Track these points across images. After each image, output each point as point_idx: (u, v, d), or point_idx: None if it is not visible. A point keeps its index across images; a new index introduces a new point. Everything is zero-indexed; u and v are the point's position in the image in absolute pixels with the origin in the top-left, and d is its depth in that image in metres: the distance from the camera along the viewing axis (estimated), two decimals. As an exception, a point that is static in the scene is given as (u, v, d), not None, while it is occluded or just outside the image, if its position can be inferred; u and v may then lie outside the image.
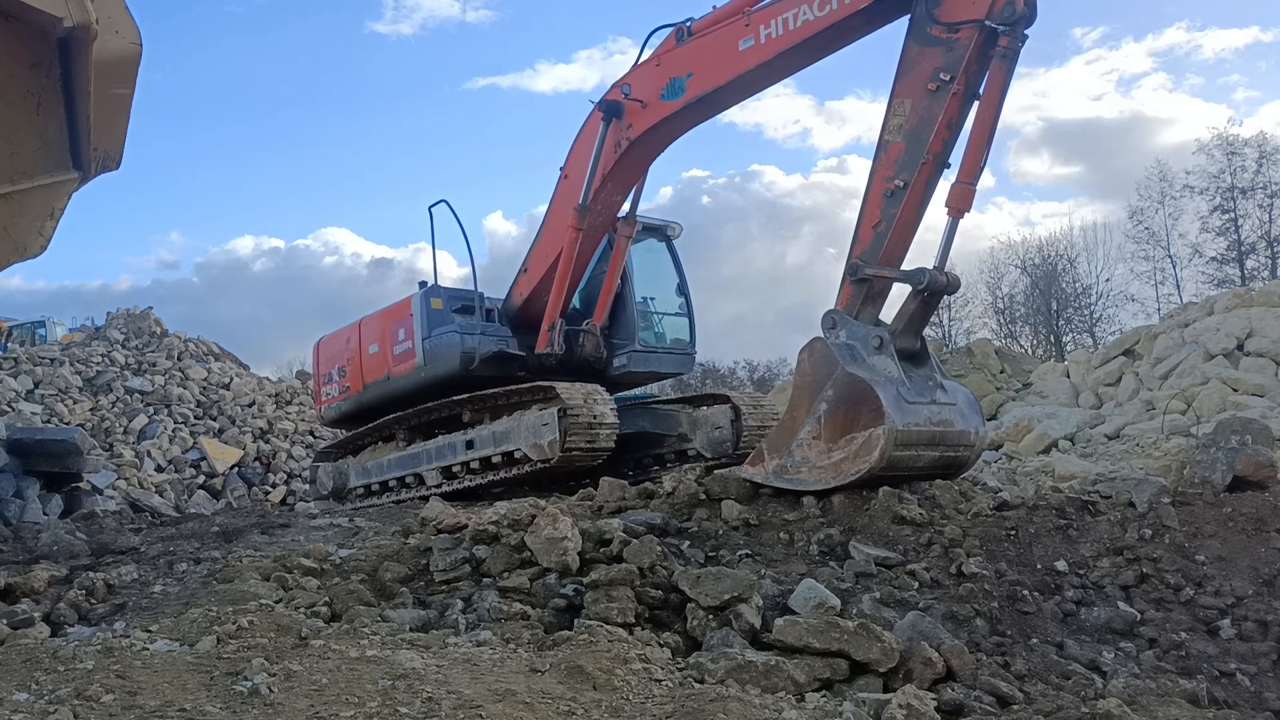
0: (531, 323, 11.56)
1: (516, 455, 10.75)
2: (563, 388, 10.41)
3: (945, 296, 7.79)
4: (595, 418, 10.31)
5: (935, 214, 7.60)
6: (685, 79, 9.49)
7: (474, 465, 11.29)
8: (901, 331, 7.36)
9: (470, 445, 11.32)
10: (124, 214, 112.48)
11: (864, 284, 7.45)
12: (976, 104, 7.21)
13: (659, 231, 12.71)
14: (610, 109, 10.27)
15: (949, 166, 7.34)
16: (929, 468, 7.14)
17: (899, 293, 7.58)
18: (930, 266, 7.28)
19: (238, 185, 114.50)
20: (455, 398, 11.68)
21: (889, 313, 7.66)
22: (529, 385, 10.91)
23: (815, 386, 7.25)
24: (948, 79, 7.11)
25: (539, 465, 10.44)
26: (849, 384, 7.02)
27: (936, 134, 7.17)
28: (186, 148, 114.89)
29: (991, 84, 7.16)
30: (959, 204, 7.22)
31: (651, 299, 12.55)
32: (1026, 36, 7.10)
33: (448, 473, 11.60)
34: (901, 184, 7.28)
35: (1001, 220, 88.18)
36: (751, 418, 11.22)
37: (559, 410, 10.28)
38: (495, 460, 11.05)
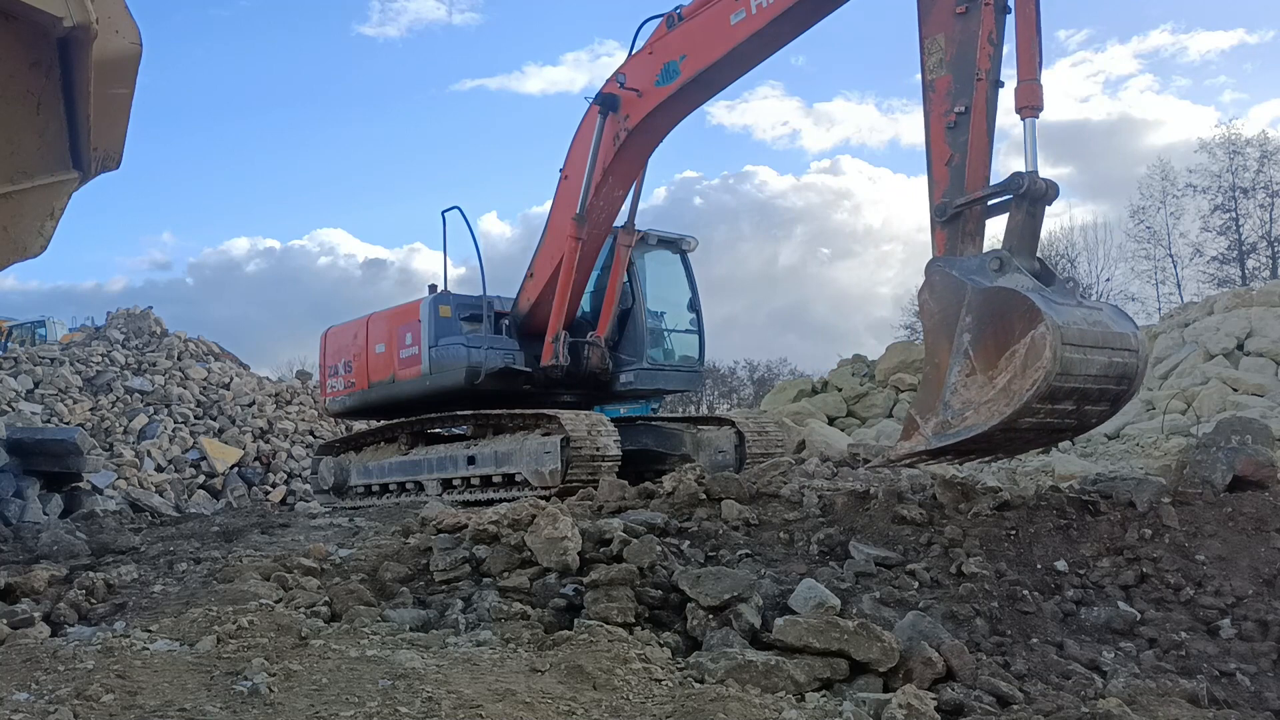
0: (539, 330, 11.47)
1: (517, 479, 10.75)
2: (567, 418, 10.40)
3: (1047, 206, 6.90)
4: (598, 450, 10.33)
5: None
6: (679, 61, 9.49)
7: (474, 481, 11.28)
8: (1015, 250, 6.62)
9: (472, 461, 11.31)
10: (116, 214, 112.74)
11: (957, 221, 6.86)
12: (1010, 17, 6.83)
13: (674, 244, 12.64)
14: (606, 102, 10.27)
15: (1003, 85, 6.94)
16: (1101, 376, 6.25)
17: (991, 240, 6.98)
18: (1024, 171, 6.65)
19: (231, 186, 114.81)
20: (459, 413, 11.69)
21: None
22: (533, 413, 10.92)
23: (948, 321, 6.41)
24: None
25: (539, 491, 10.37)
26: (988, 299, 6.23)
27: (981, 51, 6.82)
28: (177, 149, 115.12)
29: None
30: (1030, 101, 6.72)
31: (662, 313, 12.48)
32: None
33: (447, 484, 11.59)
34: (962, 109, 6.87)
35: (995, 221, 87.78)
36: (755, 444, 11.19)
37: (562, 440, 10.27)
38: (495, 480, 11.05)
